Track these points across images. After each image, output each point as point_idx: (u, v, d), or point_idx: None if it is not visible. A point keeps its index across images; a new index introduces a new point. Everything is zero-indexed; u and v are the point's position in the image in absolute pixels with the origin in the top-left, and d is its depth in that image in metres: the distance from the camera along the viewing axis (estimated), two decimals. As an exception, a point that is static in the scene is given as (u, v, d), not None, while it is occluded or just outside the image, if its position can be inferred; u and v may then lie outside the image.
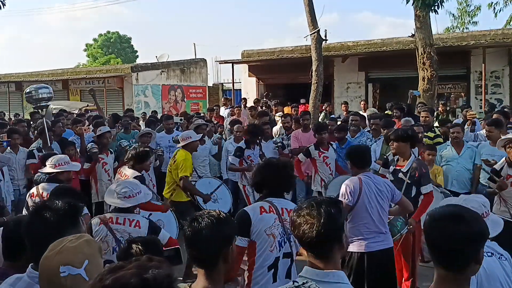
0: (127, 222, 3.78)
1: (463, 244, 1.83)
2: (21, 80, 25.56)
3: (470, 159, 6.59)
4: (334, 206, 2.07)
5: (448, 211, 1.96)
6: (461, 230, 1.83)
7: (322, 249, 2.03)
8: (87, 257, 1.83)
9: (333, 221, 2.01)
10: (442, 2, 8.87)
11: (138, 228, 3.74)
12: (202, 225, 2.16)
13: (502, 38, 13.51)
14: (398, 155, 5.16)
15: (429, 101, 10.00)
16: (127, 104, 20.27)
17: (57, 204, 2.20)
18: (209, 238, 2.13)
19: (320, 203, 2.07)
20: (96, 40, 50.94)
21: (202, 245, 2.14)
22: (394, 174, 5.13)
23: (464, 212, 1.93)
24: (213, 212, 2.25)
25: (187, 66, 23.21)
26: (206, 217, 2.19)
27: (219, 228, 2.15)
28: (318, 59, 11.46)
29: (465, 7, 24.31)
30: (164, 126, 8.56)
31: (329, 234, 2.00)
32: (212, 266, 2.15)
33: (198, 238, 2.14)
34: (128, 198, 3.87)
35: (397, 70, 14.76)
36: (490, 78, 13.68)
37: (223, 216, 2.25)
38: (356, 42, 16.18)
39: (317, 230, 1.99)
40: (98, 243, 2.06)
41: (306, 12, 11.55)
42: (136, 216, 3.93)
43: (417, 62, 10.23)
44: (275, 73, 17.59)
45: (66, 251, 1.82)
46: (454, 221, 1.86)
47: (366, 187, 4.21)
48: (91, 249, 1.87)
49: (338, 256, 2.06)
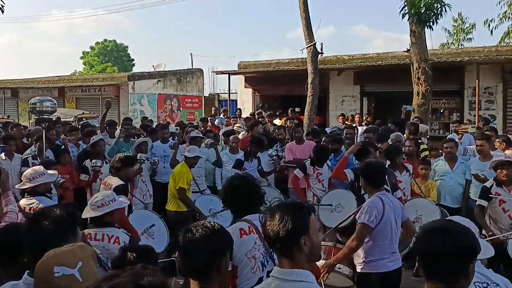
0: (106, 238, 3.67)
1: (451, 258, 1.87)
2: (17, 86, 25.54)
3: (463, 174, 6.63)
4: (292, 209, 2.17)
5: (438, 225, 2.03)
6: (448, 243, 1.88)
7: (284, 249, 2.13)
8: (80, 259, 1.88)
9: (288, 223, 2.10)
10: (437, 18, 8.99)
11: (118, 244, 3.62)
12: (196, 235, 2.20)
13: (496, 55, 13.68)
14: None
15: (424, 115, 10.08)
16: (123, 113, 20.28)
17: (56, 212, 2.22)
18: (202, 249, 2.18)
19: (279, 207, 2.20)
20: (93, 48, 51.01)
21: (195, 255, 2.17)
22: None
23: (453, 227, 1.98)
24: (207, 223, 2.29)
25: (183, 76, 23.30)
26: (200, 227, 2.24)
27: (213, 239, 2.20)
28: (314, 72, 11.54)
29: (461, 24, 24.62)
30: (160, 136, 8.56)
31: (286, 235, 2.09)
32: (206, 278, 2.18)
33: (192, 248, 2.18)
34: (101, 207, 3.74)
35: (392, 85, 14.87)
36: (483, 94, 13.81)
37: (218, 227, 2.30)
38: (351, 56, 16.31)
39: (276, 231, 2.11)
40: (91, 248, 2.08)
41: (302, 25, 11.66)
42: (115, 231, 3.80)
43: (412, 77, 10.33)
44: (271, 84, 17.68)
45: (60, 254, 1.87)
46: (443, 234, 1.91)
47: (388, 207, 4.12)
48: (84, 253, 1.92)
49: (300, 257, 2.13)
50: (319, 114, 13.84)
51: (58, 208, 2.28)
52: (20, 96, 25.23)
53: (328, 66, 15.77)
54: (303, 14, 11.56)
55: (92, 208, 3.77)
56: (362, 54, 16.30)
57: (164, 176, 7.56)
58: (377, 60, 15.44)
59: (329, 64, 15.99)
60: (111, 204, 3.80)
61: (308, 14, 11.58)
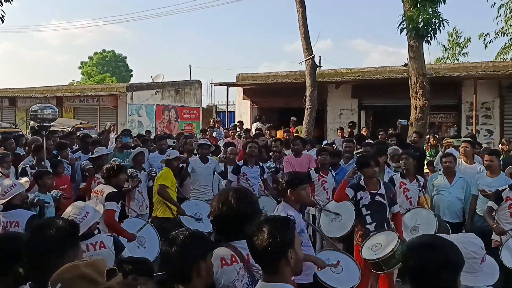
0: (91, 248, 3.67)
1: (436, 271, 1.92)
2: (15, 95, 25.52)
3: (461, 189, 6.62)
4: (280, 223, 2.22)
5: (424, 240, 2.10)
6: (433, 257, 1.94)
7: (268, 264, 2.19)
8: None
9: (275, 238, 2.14)
10: (435, 33, 9.05)
11: (104, 248, 3.65)
12: (174, 242, 2.30)
13: (493, 70, 13.78)
14: (369, 179, 5.43)
15: (421, 130, 10.11)
16: (121, 123, 20.27)
17: (57, 223, 2.21)
18: (179, 254, 2.26)
19: (267, 221, 2.24)
20: (92, 58, 51.11)
21: (173, 261, 2.28)
22: (372, 198, 5.36)
23: (436, 241, 2.06)
24: (186, 231, 2.39)
25: (182, 87, 23.34)
26: (178, 234, 2.34)
27: (190, 244, 2.28)
28: (312, 85, 11.61)
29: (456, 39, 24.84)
30: (157, 147, 8.55)
31: (273, 249, 2.13)
32: (187, 281, 2.27)
33: (170, 255, 2.28)
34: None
35: (390, 98, 14.94)
36: (480, 109, 13.88)
37: (196, 233, 2.40)
38: (349, 69, 16.40)
39: (262, 245, 2.15)
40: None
41: (301, 38, 11.75)
42: (97, 237, 3.78)
43: (410, 91, 10.37)
44: (269, 97, 17.73)
45: (96, 261, 1.91)
46: (427, 249, 1.98)
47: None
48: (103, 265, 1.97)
49: (286, 270, 2.18)
50: (317, 127, 13.88)
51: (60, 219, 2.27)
52: (18, 105, 25.22)
53: (326, 79, 15.84)
54: (302, 27, 11.66)
55: None
56: (360, 67, 16.40)
57: (162, 187, 7.53)
58: (375, 73, 15.52)
59: (327, 77, 16.06)
60: (85, 220, 3.63)
61: (306, 27, 11.68)
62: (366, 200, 5.37)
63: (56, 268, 2.07)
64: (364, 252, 5.02)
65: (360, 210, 5.43)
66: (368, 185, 5.42)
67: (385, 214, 5.33)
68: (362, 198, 5.41)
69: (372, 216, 5.33)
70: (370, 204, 5.34)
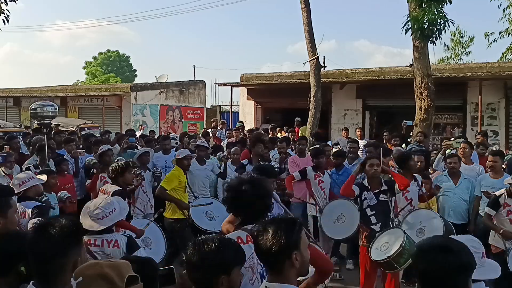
0: (105, 244, 3.68)
1: (451, 275, 1.89)
2: (20, 95, 25.64)
3: (466, 190, 6.58)
4: (285, 225, 2.19)
5: (437, 242, 2.05)
6: (449, 260, 1.90)
7: (272, 264, 2.18)
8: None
9: (279, 239, 2.12)
10: (441, 34, 9.00)
11: (117, 248, 3.65)
12: (204, 249, 2.22)
13: (499, 71, 13.70)
14: (372, 179, 5.43)
15: (426, 130, 10.06)
16: (125, 123, 20.32)
17: (61, 222, 2.20)
18: (207, 263, 2.19)
19: (272, 222, 2.22)
20: (96, 58, 51.27)
21: (199, 269, 2.20)
22: (377, 198, 5.36)
23: (451, 244, 2.01)
24: (213, 238, 2.30)
25: (186, 87, 23.38)
26: (206, 242, 2.25)
27: (219, 253, 2.20)
28: (316, 85, 11.57)
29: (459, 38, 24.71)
30: (161, 147, 8.54)
31: (280, 250, 2.12)
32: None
33: (197, 262, 2.20)
34: (102, 219, 3.71)
35: (394, 99, 14.89)
36: (486, 110, 13.81)
37: (224, 241, 2.30)
38: (354, 70, 16.36)
39: (269, 246, 2.13)
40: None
41: (306, 39, 11.71)
42: (114, 236, 3.79)
43: (415, 92, 10.33)
44: (273, 97, 17.72)
45: (120, 264, 1.89)
46: (443, 252, 1.94)
47: None
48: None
49: (291, 272, 2.16)
50: (321, 127, 13.84)
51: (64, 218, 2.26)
52: (22, 105, 25.32)
53: (330, 79, 15.81)
54: (307, 27, 11.62)
55: (92, 219, 3.72)
56: (364, 68, 16.36)
57: (166, 187, 7.52)
58: (379, 74, 15.48)
59: (331, 78, 16.03)
60: (111, 216, 3.76)
61: (311, 27, 11.64)
62: (372, 201, 5.37)
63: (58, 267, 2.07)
64: (373, 254, 4.98)
65: (365, 210, 5.41)
66: (371, 185, 5.41)
67: (389, 213, 5.32)
68: (366, 199, 5.40)
69: (377, 217, 5.31)
70: (375, 205, 5.34)
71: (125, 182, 5.52)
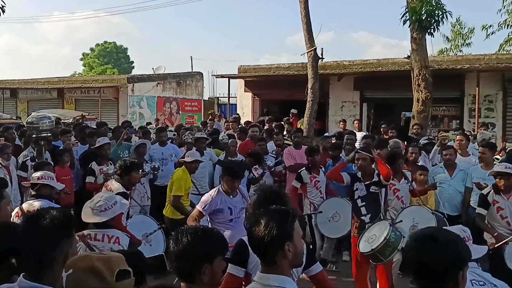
0: (106, 238, 3.67)
1: (439, 266, 1.88)
2: (16, 87, 25.51)
3: (462, 181, 6.60)
4: (278, 215, 2.18)
5: (426, 233, 2.04)
6: (436, 250, 1.89)
7: (267, 255, 2.17)
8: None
9: (271, 230, 2.12)
10: (438, 25, 8.96)
11: (117, 244, 3.65)
12: (183, 239, 2.21)
13: (496, 63, 13.66)
14: (363, 171, 5.41)
15: (423, 122, 10.06)
16: (122, 115, 20.26)
17: (52, 213, 2.18)
18: (186, 253, 2.19)
19: (265, 213, 2.21)
20: (93, 50, 51.02)
21: (180, 259, 2.21)
22: (367, 189, 5.34)
23: (441, 234, 2.00)
24: (195, 228, 2.31)
25: (183, 79, 23.30)
26: (188, 231, 2.25)
27: (199, 243, 2.20)
28: (314, 77, 11.53)
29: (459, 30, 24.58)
30: (158, 139, 8.53)
31: (271, 241, 2.12)
32: (189, 281, 2.20)
33: (177, 252, 2.21)
34: (105, 211, 3.71)
35: (392, 91, 14.84)
36: (483, 102, 13.78)
37: (206, 231, 2.31)
38: (352, 62, 16.30)
39: (261, 236, 2.14)
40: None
41: (303, 30, 11.65)
42: (116, 233, 3.78)
43: (412, 84, 10.31)
44: (271, 89, 17.65)
45: (111, 258, 1.86)
46: (431, 243, 1.92)
47: None
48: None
49: (283, 263, 2.15)
50: (318, 119, 13.83)
51: (55, 210, 2.24)
52: (19, 97, 25.21)
53: (328, 71, 15.75)
54: (304, 18, 11.56)
55: (94, 212, 3.73)
56: (362, 60, 16.30)
57: (162, 179, 7.50)
58: (377, 66, 15.43)
59: (329, 69, 15.97)
60: (113, 208, 3.78)
61: (309, 19, 11.58)
62: (362, 191, 5.38)
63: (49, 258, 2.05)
64: (361, 246, 5.01)
65: (356, 201, 5.43)
66: (363, 177, 5.41)
67: (379, 204, 5.32)
68: (357, 189, 5.41)
69: (367, 208, 5.32)
70: (365, 196, 5.34)
71: (130, 181, 5.36)
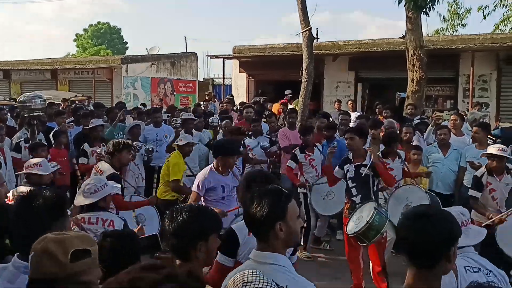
0: (100, 222, 3.67)
1: (431, 242, 1.89)
2: (10, 68, 25.25)
3: (455, 161, 6.66)
4: (270, 194, 2.19)
5: (419, 210, 2.06)
6: (428, 228, 1.90)
7: (258, 234, 2.20)
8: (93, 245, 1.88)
9: (263, 208, 2.13)
10: (434, 4, 8.90)
11: (112, 227, 3.63)
12: (178, 217, 2.27)
13: (491, 43, 13.64)
14: (353, 151, 5.42)
15: (418, 102, 10.07)
16: (116, 96, 20.14)
17: (45, 194, 2.19)
18: (181, 230, 2.25)
19: (259, 192, 2.23)
20: (86, 31, 50.47)
21: (175, 236, 2.27)
22: (357, 170, 5.33)
23: (433, 212, 2.01)
24: (190, 206, 2.38)
25: (177, 60, 23.11)
26: (183, 209, 2.31)
27: (194, 221, 2.26)
28: (309, 58, 11.46)
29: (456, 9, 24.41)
30: (152, 120, 8.51)
31: (262, 219, 2.13)
32: (184, 259, 2.26)
33: (172, 230, 2.26)
34: (94, 193, 3.72)
35: (387, 71, 14.82)
36: (477, 82, 13.79)
37: (201, 209, 2.38)
38: (347, 42, 16.21)
39: (251, 215, 2.17)
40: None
41: (298, 9, 11.53)
42: (110, 215, 3.79)
43: (407, 64, 10.29)
44: (266, 69, 17.57)
45: (68, 238, 1.80)
46: (423, 219, 1.93)
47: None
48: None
49: (276, 242, 2.16)
50: (313, 100, 13.80)
51: (48, 191, 2.25)
52: (12, 78, 24.97)
53: (323, 51, 15.67)
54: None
55: (84, 195, 3.74)
56: (357, 40, 16.20)
57: (157, 160, 7.50)
58: (372, 46, 15.36)
59: (324, 50, 15.88)
60: (103, 189, 3.77)
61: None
62: (351, 173, 5.39)
63: None
64: (348, 226, 5.03)
65: (348, 182, 5.46)
66: (354, 158, 5.41)
67: (369, 185, 5.30)
68: (348, 171, 5.42)
69: (357, 189, 5.33)
70: (355, 177, 5.33)
71: (120, 161, 5.30)
